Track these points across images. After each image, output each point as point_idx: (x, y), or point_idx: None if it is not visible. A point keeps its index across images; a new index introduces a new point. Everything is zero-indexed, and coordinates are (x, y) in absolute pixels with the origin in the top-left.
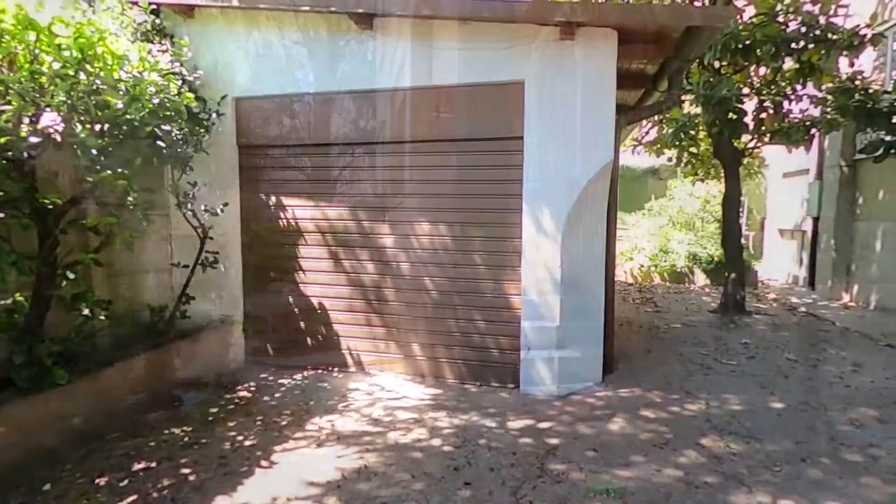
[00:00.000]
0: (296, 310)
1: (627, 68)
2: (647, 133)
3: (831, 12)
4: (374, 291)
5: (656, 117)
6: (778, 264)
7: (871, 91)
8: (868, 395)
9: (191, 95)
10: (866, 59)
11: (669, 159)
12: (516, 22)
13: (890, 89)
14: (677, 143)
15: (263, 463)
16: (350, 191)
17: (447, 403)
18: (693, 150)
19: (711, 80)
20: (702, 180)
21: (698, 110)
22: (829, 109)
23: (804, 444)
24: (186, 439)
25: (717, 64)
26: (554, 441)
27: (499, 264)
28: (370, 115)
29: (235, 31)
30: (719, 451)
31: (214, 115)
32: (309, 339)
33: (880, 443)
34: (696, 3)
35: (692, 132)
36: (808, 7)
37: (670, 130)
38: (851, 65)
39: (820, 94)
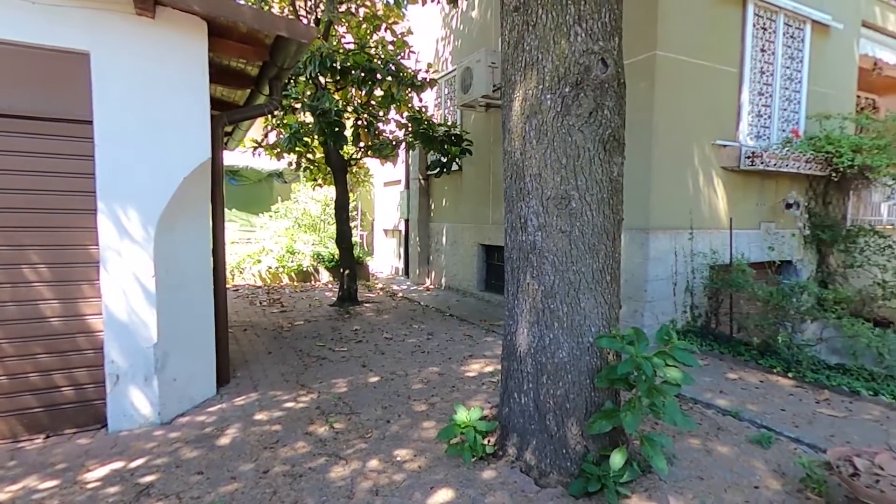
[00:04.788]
0: None
1: (228, 65)
2: (266, 136)
3: (403, 54)
4: None
5: (274, 121)
6: (385, 259)
7: (432, 122)
8: (435, 356)
9: None
10: (431, 97)
11: (290, 164)
12: None
13: (441, 122)
14: (294, 148)
15: None
16: None
17: None
18: (309, 156)
19: (317, 92)
20: (320, 185)
21: (311, 119)
22: (408, 133)
23: (389, 408)
24: None
25: (322, 79)
26: (149, 478)
27: (66, 279)
28: None
29: None
30: (325, 433)
31: None
32: None
33: (438, 392)
34: (304, 20)
35: (307, 139)
36: (391, 47)
37: (286, 136)
38: (420, 100)
39: (402, 120)
